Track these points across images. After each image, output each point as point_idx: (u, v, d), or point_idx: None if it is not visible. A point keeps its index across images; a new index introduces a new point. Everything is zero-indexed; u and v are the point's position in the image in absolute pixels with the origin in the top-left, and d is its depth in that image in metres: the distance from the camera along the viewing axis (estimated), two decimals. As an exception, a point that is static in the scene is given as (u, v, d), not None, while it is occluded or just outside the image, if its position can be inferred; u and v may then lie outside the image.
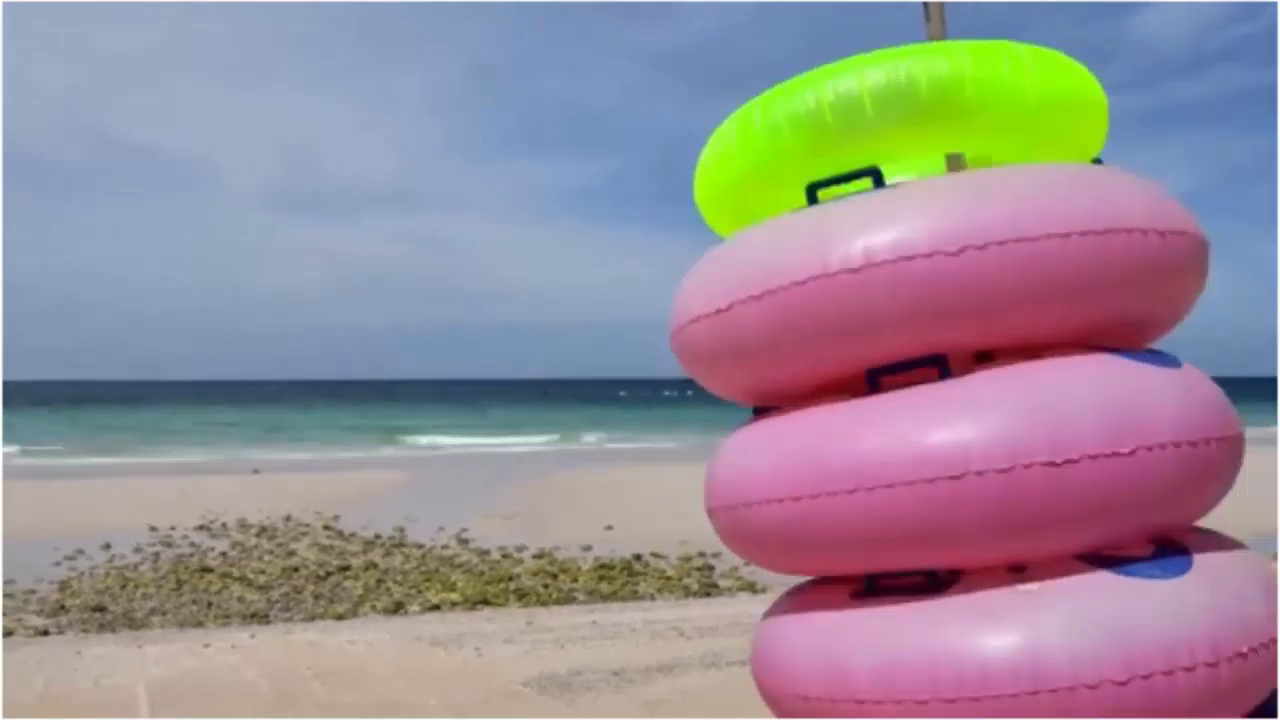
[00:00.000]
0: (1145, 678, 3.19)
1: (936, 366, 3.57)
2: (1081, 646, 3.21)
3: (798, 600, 4.01)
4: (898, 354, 3.60)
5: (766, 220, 3.95)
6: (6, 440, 48.46)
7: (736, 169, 4.15)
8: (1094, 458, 3.30)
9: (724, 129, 4.17)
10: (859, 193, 3.77)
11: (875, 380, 3.65)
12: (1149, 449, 3.35)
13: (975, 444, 3.32)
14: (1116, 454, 3.31)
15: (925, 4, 4.40)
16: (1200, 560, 3.51)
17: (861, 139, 3.83)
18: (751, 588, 13.90)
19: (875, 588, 3.66)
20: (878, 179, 3.79)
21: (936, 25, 4.38)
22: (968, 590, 3.47)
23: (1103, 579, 3.38)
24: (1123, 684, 3.18)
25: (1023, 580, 3.44)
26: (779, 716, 3.93)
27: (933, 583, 3.53)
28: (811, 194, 3.87)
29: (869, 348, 3.60)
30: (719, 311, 3.81)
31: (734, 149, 4.11)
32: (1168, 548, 3.54)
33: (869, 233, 3.50)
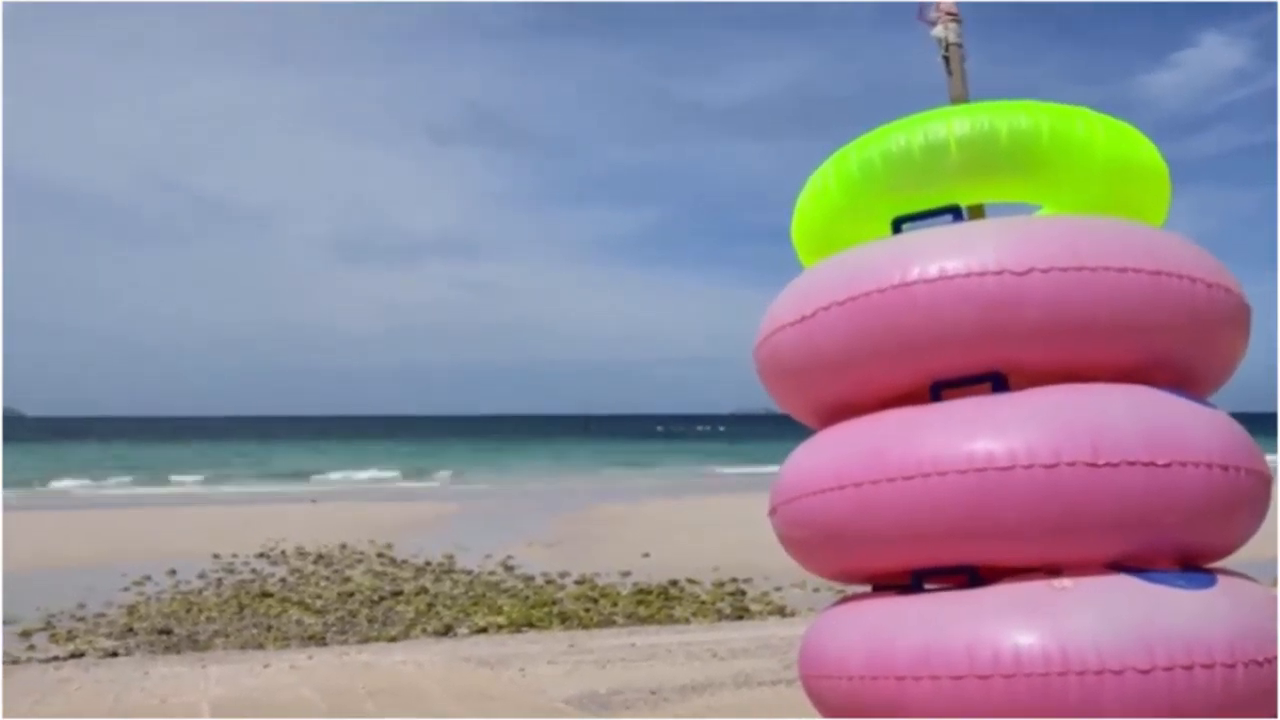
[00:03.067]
0: (1167, 670, 3.25)
1: (994, 384, 3.69)
2: (1109, 636, 3.28)
3: (845, 601, 4.08)
4: (962, 369, 3.73)
5: (853, 247, 4.08)
6: (80, 473, 48.93)
7: (831, 204, 4.30)
8: (1132, 464, 3.40)
9: (822, 170, 4.33)
10: (939, 225, 3.97)
11: (938, 392, 3.79)
12: (1183, 465, 3.45)
13: (1024, 442, 3.44)
14: (1154, 464, 3.41)
15: (945, 59, 4.43)
16: (1222, 580, 3.58)
17: (945, 180, 4.01)
18: (781, 612, 13.83)
19: (920, 587, 3.75)
20: (957, 215, 4.02)
21: (958, 81, 4.41)
22: (1005, 586, 3.54)
23: (1132, 582, 3.44)
24: (1145, 673, 3.23)
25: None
26: (819, 701, 3.95)
27: (974, 581, 3.62)
28: (896, 226, 4.09)
29: (936, 360, 3.73)
30: (803, 319, 3.96)
31: (830, 186, 4.27)
32: (1192, 569, 3.61)
33: (946, 254, 3.67)
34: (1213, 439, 3.54)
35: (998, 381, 3.69)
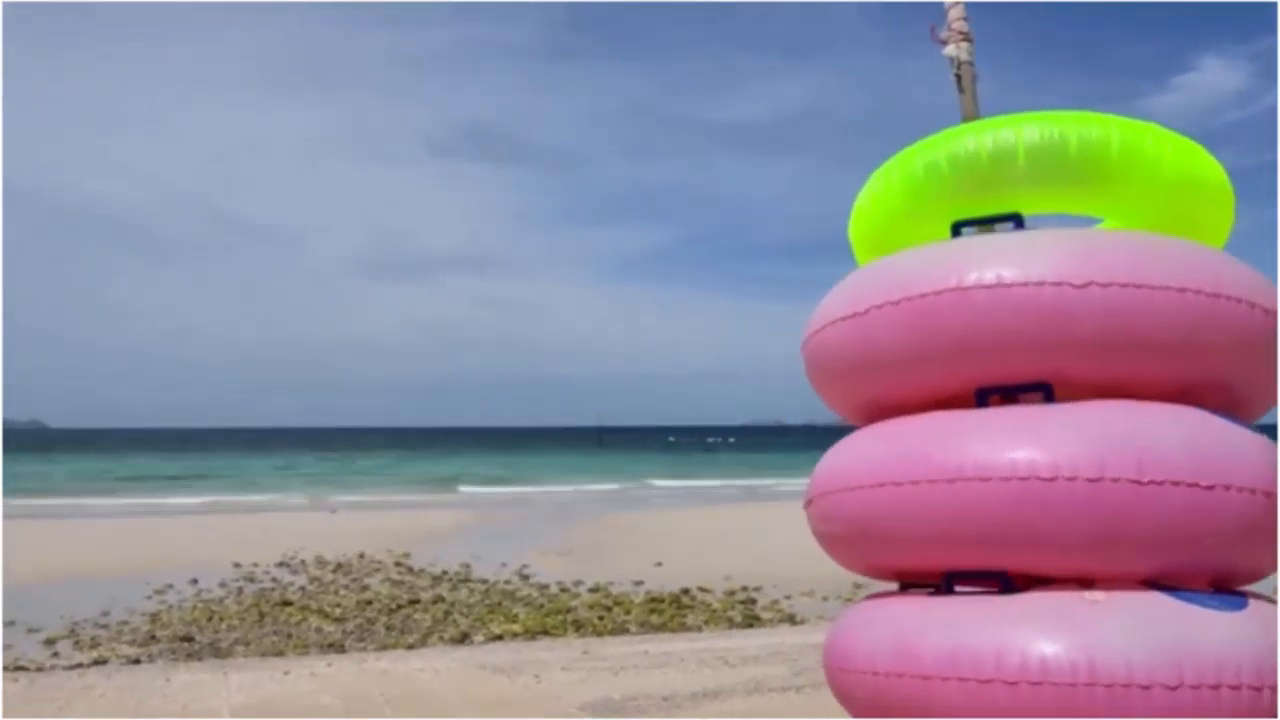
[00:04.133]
0: (1194, 688, 3.22)
1: (1042, 393, 3.65)
2: (1139, 651, 3.25)
3: (875, 598, 4.04)
4: (1009, 377, 3.68)
5: (910, 249, 4.02)
6: (103, 483, 49.02)
7: (892, 204, 4.24)
8: (1176, 484, 3.35)
9: (884, 169, 4.26)
10: (1001, 232, 3.91)
11: (983, 398, 3.74)
12: (1226, 488, 3.40)
13: (1070, 454, 3.39)
14: (1198, 485, 3.37)
15: (957, 76, 4.41)
16: (1253, 604, 3.53)
17: (1011, 186, 3.94)
18: (791, 620, 13.78)
19: (951, 589, 3.71)
20: (1019, 223, 3.93)
21: (970, 100, 4.39)
22: (1037, 595, 3.51)
23: (1164, 600, 3.41)
24: (1173, 689, 3.21)
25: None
26: (844, 695, 3.92)
27: (1006, 587, 3.56)
28: (956, 230, 4.02)
29: (985, 365, 3.68)
30: (856, 315, 3.91)
31: (893, 185, 4.20)
32: (1224, 591, 3.57)
33: (1005, 261, 3.61)
34: (1257, 465, 3.49)
35: (1047, 392, 3.64)
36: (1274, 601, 3.68)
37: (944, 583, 3.73)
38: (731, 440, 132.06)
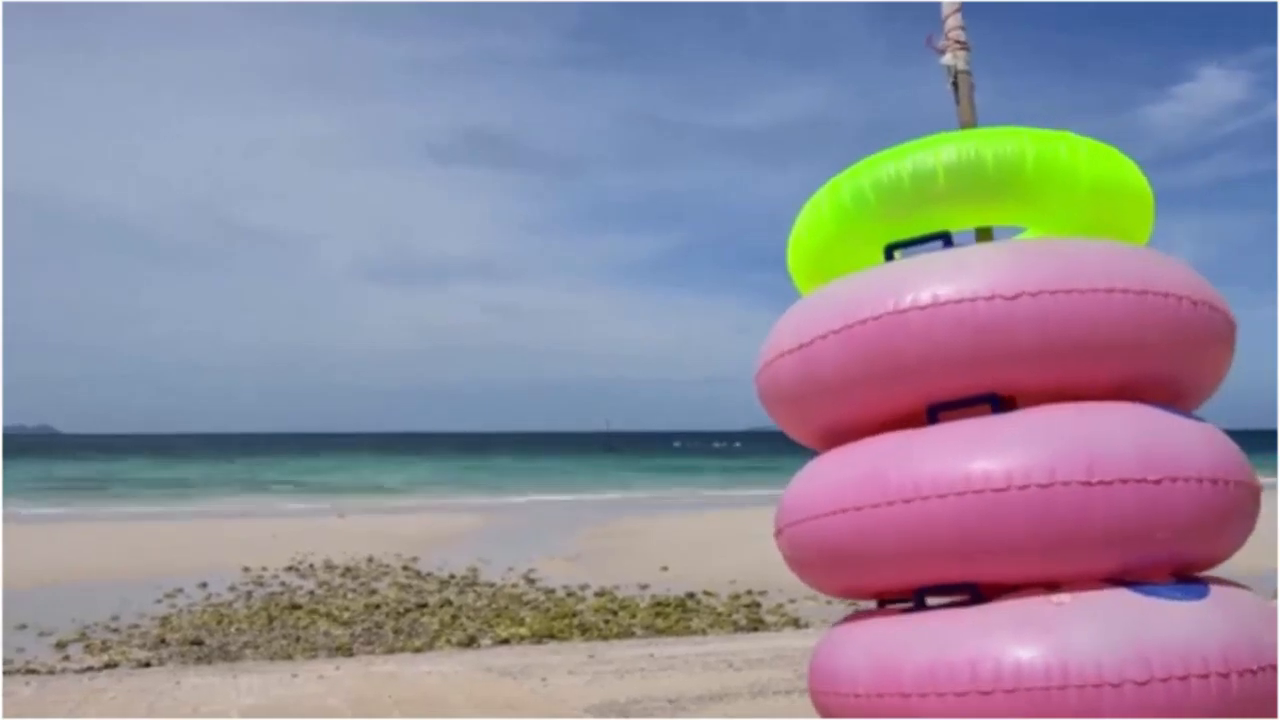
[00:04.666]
0: (1164, 680, 3.25)
1: (990, 404, 3.70)
2: (1107, 650, 3.28)
3: (853, 619, 4.07)
4: (957, 391, 3.73)
5: (847, 275, 4.09)
6: (113, 487, 49.11)
7: (826, 232, 4.29)
8: (1125, 482, 3.40)
9: (816, 198, 4.32)
10: (931, 251, 3.96)
11: (935, 415, 3.78)
12: (1174, 480, 3.45)
13: (1020, 463, 3.44)
14: (1146, 480, 3.41)
15: (954, 85, 4.43)
16: (1215, 590, 3.57)
17: (934, 207, 4.00)
18: (795, 623, 13.79)
19: (924, 604, 3.75)
20: (947, 241, 4.00)
21: (966, 108, 4.41)
22: (1006, 603, 3.54)
23: (1128, 596, 3.44)
24: (1143, 684, 3.24)
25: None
26: (829, 717, 3.95)
27: (976, 598, 3.61)
28: (889, 253, 4.08)
29: (931, 383, 3.73)
30: (801, 346, 3.97)
31: (824, 215, 4.26)
32: (1186, 580, 3.61)
33: (938, 280, 3.67)
34: (1203, 454, 3.55)
35: (995, 402, 3.69)
36: (1237, 585, 3.72)
37: (916, 598, 3.77)
38: (737, 445, 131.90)
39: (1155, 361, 3.72)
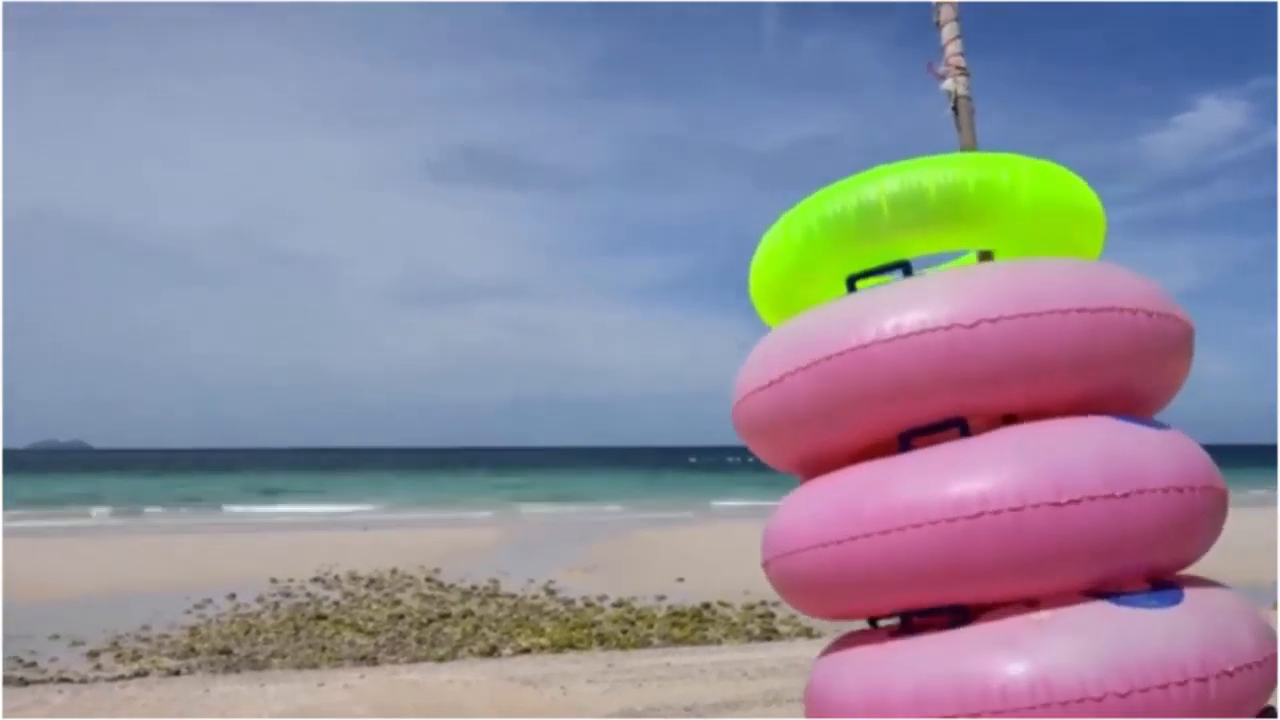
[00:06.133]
0: (1144, 691, 3.26)
1: (958, 429, 3.70)
2: (1087, 665, 3.28)
3: (843, 643, 4.09)
4: (925, 418, 3.73)
5: (812, 308, 4.08)
6: (144, 501, 49.27)
7: (783, 266, 4.29)
8: (1093, 499, 3.40)
9: (772, 232, 4.31)
10: (891, 282, 3.94)
11: (906, 442, 3.79)
12: (1141, 493, 3.45)
13: (990, 488, 3.43)
14: (1113, 496, 3.41)
15: (954, 110, 4.46)
16: (1190, 594, 3.58)
17: (883, 239, 3.98)
18: (808, 633, 13.79)
19: (909, 626, 3.75)
20: (907, 270, 3.98)
21: (967, 133, 4.44)
22: (988, 622, 3.55)
23: (1105, 609, 3.44)
24: (1124, 696, 3.25)
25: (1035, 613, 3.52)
26: None
27: (959, 618, 3.61)
28: (851, 284, 4.06)
29: (900, 412, 3.73)
30: (772, 383, 3.96)
31: (779, 249, 4.26)
32: (1162, 585, 3.61)
33: (899, 311, 3.66)
34: (1168, 463, 3.55)
35: (963, 427, 3.69)
36: (1213, 584, 3.73)
37: (902, 623, 3.79)
38: (750, 460, 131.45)
39: (1117, 376, 3.72)
